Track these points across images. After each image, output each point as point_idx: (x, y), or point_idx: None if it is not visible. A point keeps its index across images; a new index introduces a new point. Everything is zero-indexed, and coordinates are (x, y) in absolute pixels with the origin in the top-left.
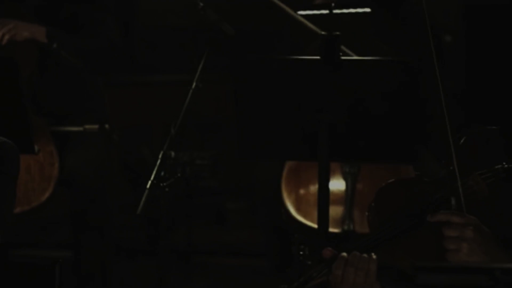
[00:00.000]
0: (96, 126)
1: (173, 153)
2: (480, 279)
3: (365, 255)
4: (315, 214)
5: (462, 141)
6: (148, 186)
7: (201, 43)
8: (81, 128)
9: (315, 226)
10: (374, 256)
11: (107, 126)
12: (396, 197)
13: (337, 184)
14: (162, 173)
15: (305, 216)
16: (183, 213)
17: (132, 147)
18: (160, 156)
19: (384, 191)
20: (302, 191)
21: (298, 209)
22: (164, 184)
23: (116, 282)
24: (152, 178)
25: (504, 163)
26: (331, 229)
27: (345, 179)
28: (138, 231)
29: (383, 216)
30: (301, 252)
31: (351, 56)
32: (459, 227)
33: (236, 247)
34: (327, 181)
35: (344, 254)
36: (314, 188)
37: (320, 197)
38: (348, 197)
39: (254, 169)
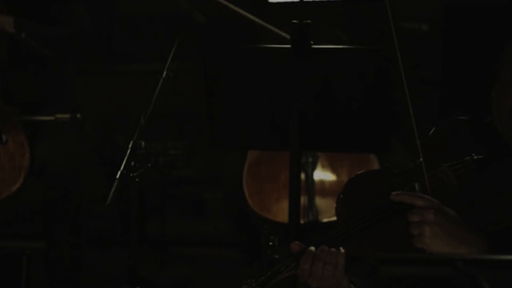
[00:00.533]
0: (67, 116)
1: (143, 143)
2: (442, 270)
3: (333, 249)
4: (279, 209)
5: (431, 132)
6: (117, 176)
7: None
8: (52, 118)
9: (281, 220)
10: (342, 250)
11: (78, 115)
12: (365, 189)
13: None
14: (133, 163)
15: (269, 213)
16: (161, 203)
17: (108, 137)
18: (130, 146)
19: (353, 183)
20: (264, 188)
21: (262, 208)
22: (134, 174)
23: (89, 272)
24: (122, 168)
25: (473, 154)
26: None
27: (304, 169)
28: (115, 221)
29: (352, 208)
30: (270, 243)
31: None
32: (421, 212)
33: (214, 237)
34: (299, 170)
35: (312, 248)
36: (275, 183)
37: (291, 187)
38: (309, 188)
39: (222, 163)
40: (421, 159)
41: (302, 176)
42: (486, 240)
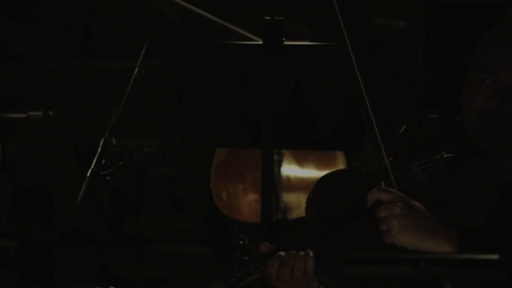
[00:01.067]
0: (39, 113)
1: (114, 141)
2: (405, 269)
3: (302, 252)
4: (247, 209)
5: (402, 130)
6: (88, 174)
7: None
8: (24, 115)
9: (250, 220)
10: (311, 254)
11: (51, 113)
12: (335, 188)
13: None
14: (103, 161)
15: (237, 214)
16: (138, 201)
17: (87, 135)
18: (100, 144)
19: (323, 182)
20: (231, 189)
21: (230, 210)
22: (105, 172)
23: (62, 271)
24: (92, 166)
25: (444, 153)
26: None
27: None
28: (91, 219)
29: (322, 208)
30: (241, 242)
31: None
32: (388, 206)
33: (191, 235)
34: (271, 168)
35: (281, 253)
36: (242, 183)
37: (263, 186)
38: (277, 185)
39: (192, 163)
40: (390, 158)
41: None
42: (456, 229)
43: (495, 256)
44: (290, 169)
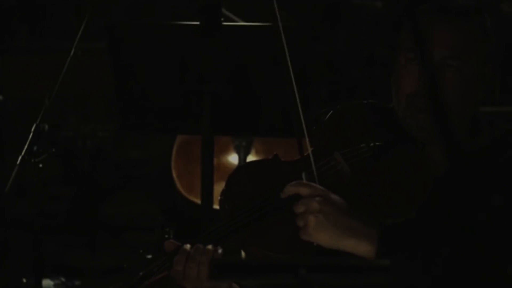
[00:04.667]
0: None
1: (46, 126)
2: (283, 277)
3: (210, 247)
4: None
5: (327, 117)
6: (18, 162)
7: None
8: None
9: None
10: (220, 250)
11: None
12: (250, 180)
13: (228, 158)
14: (35, 148)
15: (197, 197)
16: (113, 186)
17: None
18: (32, 129)
19: (237, 174)
20: (193, 170)
21: (190, 191)
22: (36, 159)
23: (16, 259)
24: (23, 153)
25: (370, 141)
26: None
27: (237, 152)
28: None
29: (236, 201)
30: (166, 236)
31: (237, 22)
32: (306, 201)
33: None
34: (211, 155)
35: (187, 247)
36: None
37: (203, 173)
38: None
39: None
40: (312, 148)
41: (235, 159)
42: (376, 227)
43: (386, 262)
44: (257, 156)
